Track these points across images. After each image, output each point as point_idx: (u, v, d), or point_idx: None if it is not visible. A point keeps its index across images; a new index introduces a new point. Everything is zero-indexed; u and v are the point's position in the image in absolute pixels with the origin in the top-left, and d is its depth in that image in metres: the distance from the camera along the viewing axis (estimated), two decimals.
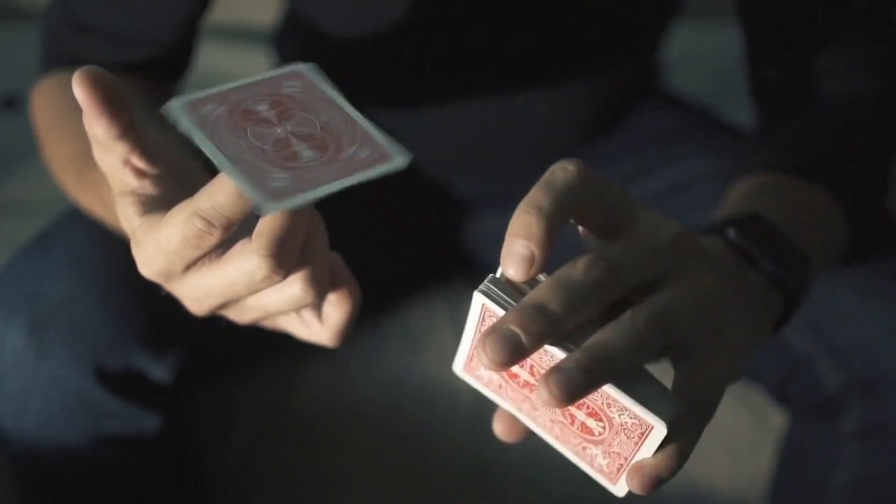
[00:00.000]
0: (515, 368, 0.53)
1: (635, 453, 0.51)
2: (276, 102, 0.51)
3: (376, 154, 0.49)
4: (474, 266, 1.07)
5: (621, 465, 0.51)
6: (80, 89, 0.50)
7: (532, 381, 0.52)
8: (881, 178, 0.83)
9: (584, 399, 0.50)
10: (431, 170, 1.02)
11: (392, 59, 0.93)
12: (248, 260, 0.50)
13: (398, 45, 0.91)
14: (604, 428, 0.51)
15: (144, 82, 0.83)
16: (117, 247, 0.81)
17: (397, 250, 1.03)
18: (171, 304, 0.58)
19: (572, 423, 0.52)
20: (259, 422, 1.00)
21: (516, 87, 0.95)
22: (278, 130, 0.49)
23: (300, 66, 0.53)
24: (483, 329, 0.53)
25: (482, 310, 0.53)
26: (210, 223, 0.49)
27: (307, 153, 0.49)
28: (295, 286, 0.54)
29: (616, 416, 0.50)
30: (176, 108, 0.49)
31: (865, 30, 0.83)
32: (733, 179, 0.76)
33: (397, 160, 0.49)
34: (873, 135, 0.83)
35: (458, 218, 1.05)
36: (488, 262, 1.05)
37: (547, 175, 0.51)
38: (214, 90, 0.50)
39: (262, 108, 0.50)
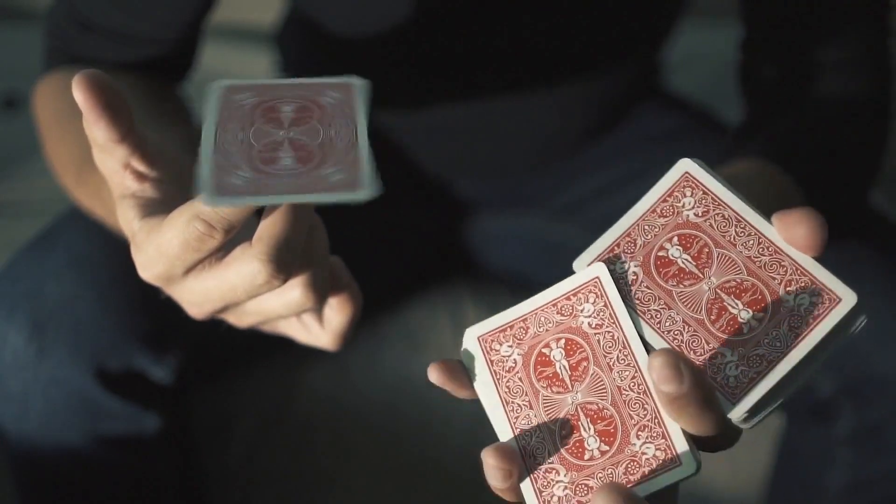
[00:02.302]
0: (555, 353, 0.52)
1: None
2: (302, 108, 0.50)
3: (347, 180, 0.47)
4: (474, 267, 1.07)
5: (760, 373, 0.48)
6: (79, 93, 0.50)
7: (566, 376, 0.51)
8: (861, 179, 0.83)
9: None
10: (433, 170, 1.02)
11: (395, 58, 0.93)
12: (248, 264, 0.50)
13: (401, 44, 0.91)
14: (758, 321, 0.49)
15: (147, 82, 0.83)
16: (118, 247, 0.81)
17: (398, 250, 1.03)
18: (172, 305, 0.58)
19: (714, 318, 0.49)
20: (259, 422, 1.00)
21: (519, 87, 0.95)
22: (280, 133, 0.49)
23: (353, 80, 0.51)
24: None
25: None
26: (211, 226, 0.49)
27: (288, 161, 0.48)
28: (295, 290, 0.54)
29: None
30: (214, 88, 0.49)
31: (859, 32, 0.84)
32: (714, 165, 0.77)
33: (359, 193, 0.46)
34: (856, 136, 0.83)
35: (458, 218, 1.05)
36: (488, 263, 1.05)
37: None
38: (259, 81, 0.50)
39: (287, 109, 0.50)
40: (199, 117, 0.87)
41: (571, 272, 0.56)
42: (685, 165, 0.52)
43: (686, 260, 0.51)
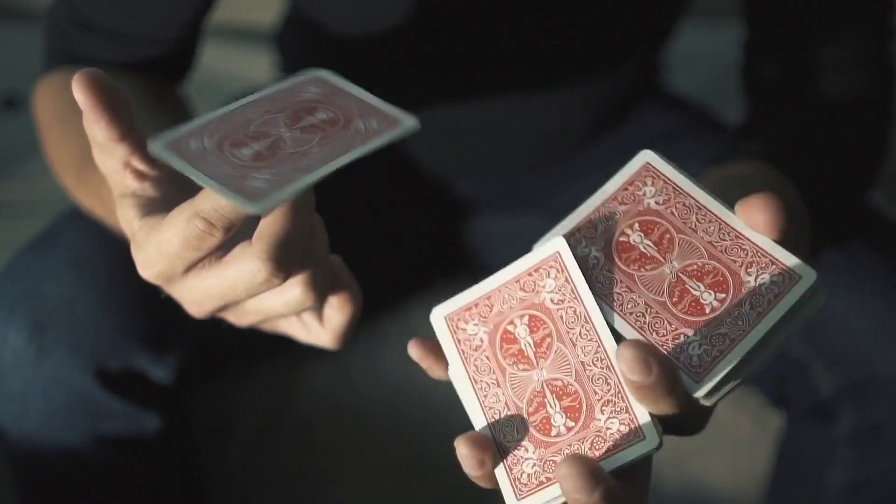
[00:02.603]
0: (519, 330, 0.52)
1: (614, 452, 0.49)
2: (332, 121, 0.50)
3: (257, 190, 0.45)
4: (474, 267, 1.07)
5: (723, 351, 0.49)
6: (79, 92, 0.50)
7: (531, 353, 0.52)
8: (861, 180, 0.83)
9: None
10: (433, 170, 1.02)
11: (395, 58, 0.93)
12: (248, 263, 0.50)
13: (401, 44, 0.91)
14: (721, 301, 0.50)
15: (147, 82, 0.83)
16: (118, 246, 0.81)
17: (398, 250, 1.03)
18: (172, 305, 0.58)
19: (676, 300, 0.51)
20: (259, 422, 1.00)
21: (520, 89, 0.95)
22: (280, 130, 0.49)
23: (403, 117, 0.51)
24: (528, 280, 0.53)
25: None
26: (211, 224, 0.49)
27: (247, 152, 0.48)
28: (295, 289, 0.54)
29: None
30: (308, 73, 0.51)
31: (860, 32, 0.84)
32: (712, 164, 0.77)
33: (246, 206, 0.45)
34: (856, 136, 0.83)
35: (458, 218, 1.05)
36: (488, 263, 1.05)
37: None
38: (341, 83, 0.51)
39: (320, 115, 0.50)
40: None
41: None
42: (646, 157, 0.54)
43: (647, 245, 0.52)
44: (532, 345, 0.52)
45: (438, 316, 0.55)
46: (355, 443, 1.01)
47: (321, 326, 0.60)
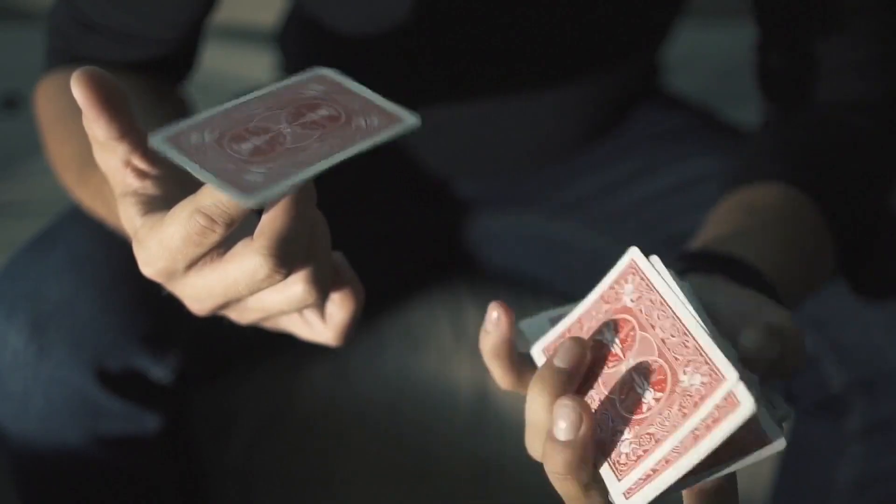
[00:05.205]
0: (606, 335, 0.53)
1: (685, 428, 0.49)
2: (334, 117, 0.51)
3: (250, 184, 0.46)
4: (474, 266, 1.07)
5: (647, 451, 0.49)
6: (78, 90, 0.50)
7: (619, 350, 0.52)
8: (880, 188, 0.83)
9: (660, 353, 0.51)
10: (433, 169, 1.02)
11: (396, 58, 0.93)
12: (249, 259, 0.50)
13: (403, 44, 0.91)
14: (657, 400, 0.50)
15: (148, 82, 0.83)
16: (118, 246, 0.81)
17: (398, 250, 1.03)
18: (172, 304, 0.58)
19: (623, 397, 0.51)
20: (259, 422, 1.00)
21: (519, 88, 0.95)
22: (281, 126, 0.49)
23: (404, 115, 0.52)
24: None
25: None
26: (212, 220, 0.49)
27: (247, 147, 0.48)
28: (297, 286, 0.54)
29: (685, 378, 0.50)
30: (313, 70, 0.52)
31: (875, 32, 0.83)
32: (726, 190, 0.76)
33: (239, 199, 0.46)
34: (874, 144, 0.83)
35: (458, 218, 1.05)
36: (488, 263, 1.05)
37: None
38: (347, 82, 0.52)
39: (322, 111, 0.51)
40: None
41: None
42: (631, 253, 0.55)
43: (616, 343, 0.53)
44: (619, 342, 0.53)
45: (538, 351, 0.57)
46: (355, 443, 1.01)
47: (323, 323, 0.60)
